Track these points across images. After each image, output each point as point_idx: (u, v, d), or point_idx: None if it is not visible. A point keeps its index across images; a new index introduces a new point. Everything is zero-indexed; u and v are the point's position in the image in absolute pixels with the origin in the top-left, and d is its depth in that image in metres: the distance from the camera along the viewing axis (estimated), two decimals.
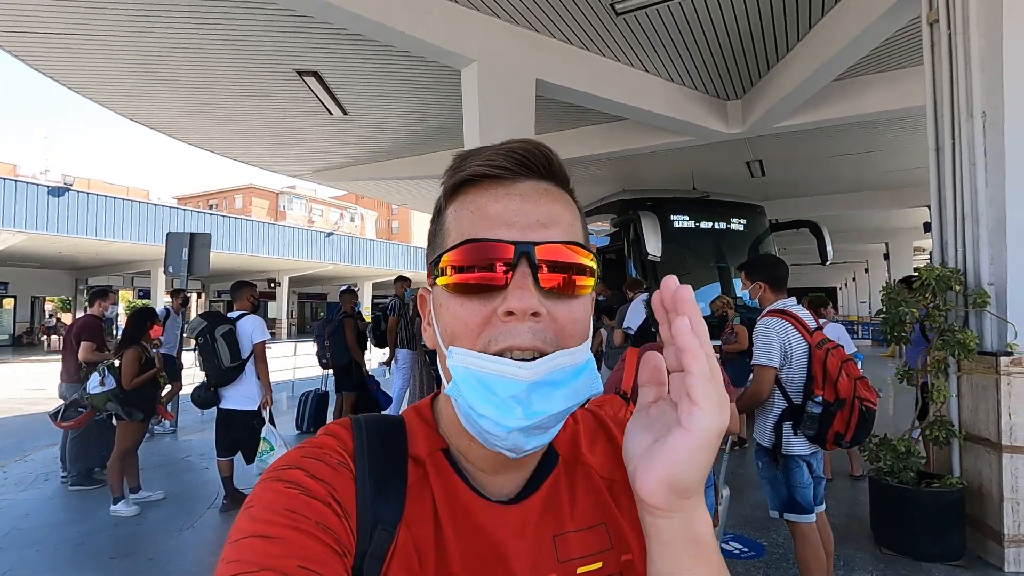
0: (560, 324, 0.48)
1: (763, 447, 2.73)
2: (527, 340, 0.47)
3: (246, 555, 0.42)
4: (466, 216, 0.51)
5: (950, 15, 3.61)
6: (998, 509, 3.24)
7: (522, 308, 0.46)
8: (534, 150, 0.52)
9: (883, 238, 16.61)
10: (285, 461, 0.50)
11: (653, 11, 4.86)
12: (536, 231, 0.49)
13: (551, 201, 0.51)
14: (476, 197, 0.51)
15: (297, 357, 10.83)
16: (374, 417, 0.57)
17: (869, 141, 8.30)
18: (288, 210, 47.05)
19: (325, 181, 10.71)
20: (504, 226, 0.49)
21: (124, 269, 24.48)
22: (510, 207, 0.50)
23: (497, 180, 0.51)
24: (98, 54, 5.78)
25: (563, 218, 0.51)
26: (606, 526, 0.55)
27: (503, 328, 0.47)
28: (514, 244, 0.48)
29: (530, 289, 0.47)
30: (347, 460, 0.51)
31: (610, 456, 0.61)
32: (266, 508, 0.45)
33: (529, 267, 0.48)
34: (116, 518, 4.15)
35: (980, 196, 3.48)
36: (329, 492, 0.48)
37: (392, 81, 6.33)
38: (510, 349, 0.47)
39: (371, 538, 0.48)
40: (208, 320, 4.29)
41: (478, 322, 0.48)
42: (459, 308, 0.49)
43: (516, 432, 0.47)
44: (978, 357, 3.41)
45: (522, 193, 0.51)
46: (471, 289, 0.49)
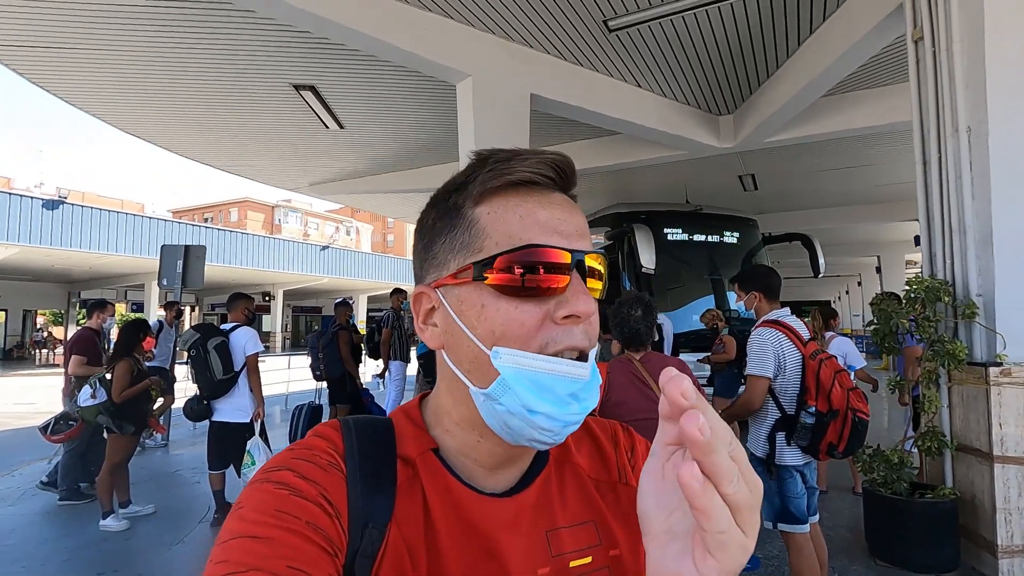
0: (593, 325, 0.53)
1: (756, 457, 2.74)
2: (582, 340, 0.51)
3: (235, 556, 0.42)
4: (514, 219, 0.51)
5: (934, 33, 3.70)
6: (991, 520, 3.24)
7: (587, 312, 0.50)
8: (569, 164, 0.55)
9: (875, 251, 16.74)
10: (275, 463, 0.50)
11: (645, 28, 4.95)
12: (578, 240, 0.53)
13: (579, 213, 0.55)
14: (522, 202, 0.52)
15: (291, 370, 10.77)
16: (363, 418, 0.57)
17: (858, 156, 8.42)
18: (284, 223, 47.04)
19: (321, 194, 10.75)
20: (555, 234, 0.51)
21: (118, 282, 24.35)
22: (556, 215, 0.52)
23: (537, 188, 0.53)
24: (95, 67, 5.82)
25: (586, 229, 0.55)
26: (595, 523, 0.57)
27: (559, 330, 0.50)
28: (572, 252, 0.51)
29: (589, 294, 0.51)
30: (338, 460, 0.52)
31: (595, 457, 0.63)
32: (256, 509, 0.46)
33: (580, 274, 0.52)
34: (105, 533, 4.09)
35: (967, 209, 3.53)
36: (320, 492, 0.48)
37: (388, 95, 6.40)
38: (570, 349, 0.50)
39: (362, 537, 0.49)
40: (201, 332, 4.27)
41: (534, 324, 0.50)
42: (514, 310, 0.50)
43: (570, 426, 0.50)
44: (968, 367, 3.44)
45: (560, 203, 0.54)
46: (531, 292, 0.50)
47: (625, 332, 2.52)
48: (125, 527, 4.17)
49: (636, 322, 2.50)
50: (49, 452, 6.21)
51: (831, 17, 4.76)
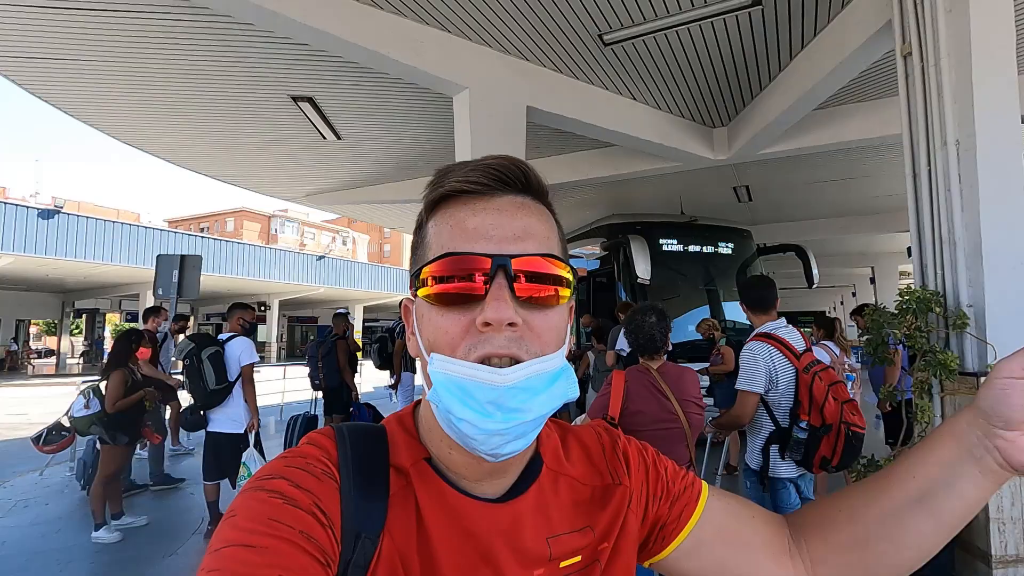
0: (536, 332, 0.51)
1: (751, 469, 2.75)
2: (503, 347, 0.49)
3: (227, 564, 0.42)
4: (446, 230, 0.53)
5: (923, 49, 3.77)
6: (985, 530, 3.25)
7: (498, 319, 0.48)
8: (510, 166, 0.54)
9: (869, 262, 16.85)
10: (268, 471, 0.50)
11: (640, 42, 5.02)
12: (512, 244, 0.51)
13: (527, 214, 0.54)
14: (455, 211, 0.53)
15: (287, 380, 10.72)
16: (356, 426, 0.58)
17: (851, 167, 8.51)
18: (280, 233, 47.03)
19: (318, 205, 10.77)
20: (482, 239, 0.51)
21: (112, 292, 24.24)
22: (487, 221, 0.52)
23: (476, 195, 0.53)
24: (92, 78, 5.85)
25: (539, 231, 0.53)
26: (591, 528, 0.58)
27: (481, 337, 0.49)
28: (491, 256, 0.50)
29: (506, 300, 0.49)
30: (331, 469, 0.52)
31: (586, 464, 0.63)
32: (248, 517, 0.45)
33: (506, 278, 0.50)
34: (98, 545, 4.06)
35: (956, 221, 3.58)
36: (313, 501, 0.48)
37: (385, 107, 6.45)
38: (488, 357, 0.49)
39: (355, 547, 0.49)
40: (196, 342, 4.27)
41: (458, 332, 0.50)
42: (439, 319, 0.51)
43: (495, 435, 0.48)
44: (960, 378, 3.47)
45: (499, 207, 0.53)
46: (451, 300, 0.50)
47: (640, 339, 2.49)
48: (117, 539, 4.13)
49: (651, 328, 2.47)
50: (41, 463, 6.16)
51: (822, 32, 4.85)
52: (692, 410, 2.43)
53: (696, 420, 2.44)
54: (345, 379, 6.48)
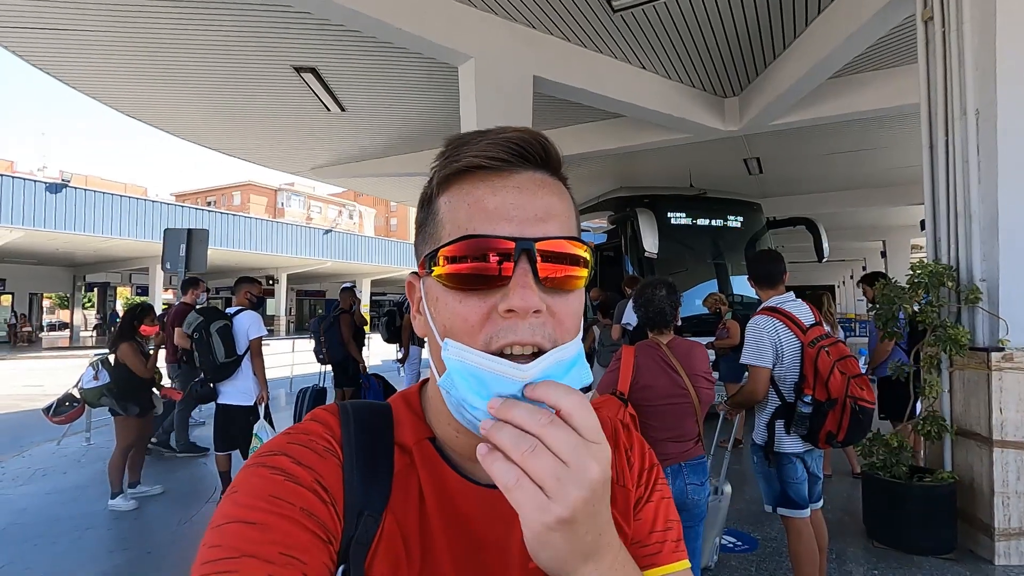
0: (559, 319, 0.48)
1: (757, 444, 2.75)
2: (527, 336, 0.47)
3: (228, 540, 0.42)
4: (463, 208, 0.50)
5: (944, 13, 3.63)
6: (989, 503, 3.27)
7: (524, 307, 0.46)
8: (531, 139, 0.51)
9: (880, 236, 16.62)
10: (271, 447, 0.50)
11: (649, 8, 4.87)
12: (535, 226, 0.49)
13: (548, 193, 0.51)
14: (472, 189, 0.50)
15: (295, 354, 10.83)
16: (361, 403, 0.57)
17: (865, 139, 8.32)
18: (286, 207, 46.99)
19: (323, 178, 10.71)
20: (503, 220, 0.48)
21: (122, 266, 24.45)
22: (508, 200, 0.49)
23: (494, 171, 0.50)
24: (96, 50, 5.78)
25: (560, 211, 0.51)
26: None
27: (503, 325, 0.47)
28: (515, 240, 0.47)
29: (531, 287, 0.47)
30: (334, 446, 0.51)
31: None
32: (250, 494, 0.45)
33: (529, 263, 0.47)
34: (115, 512, 4.18)
35: (973, 193, 3.50)
36: (315, 478, 0.48)
37: (390, 78, 6.34)
38: (511, 345, 0.47)
39: (357, 524, 0.48)
40: (204, 315, 4.30)
41: (478, 319, 0.48)
42: (458, 304, 0.48)
43: None
44: (970, 352, 3.44)
45: (519, 185, 0.50)
46: (471, 285, 0.48)
47: (650, 313, 2.47)
48: (133, 507, 4.24)
49: (661, 301, 2.44)
50: (58, 433, 6.31)
51: None
52: (702, 385, 2.42)
53: (706, 395, 2.43)
54: (350, 352, 6.53)
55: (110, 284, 29.93)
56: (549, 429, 0.39)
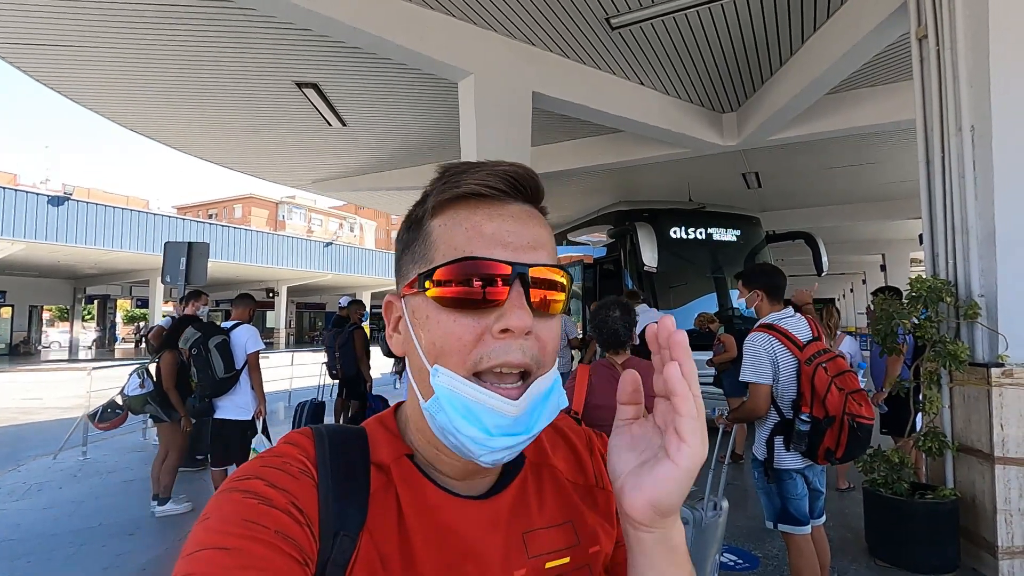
0: (543, 342, 0.51)
1: (758, 460, 2.73)
2: (518, 357, 0.49)
3: (201, 568, 0.41)
4: (460, 232, 0.52)
5: (938, 31, 3.68)
6: (991, 520, 3.24)
7: (520, 327, 0.48)
8: (525, 174, 0.54)
9: (879, 250, 16.65)
10: (244, 471, 0.49)
11: (648, 25, 4.93)
12: (528, 253, 0.52)
13: (537, 224, 0.54)
14: (470, 215, 0.52)
15: (295, 367, 10.80)
16: (335, 426, 0.57)
17: (862, 154, 8.37)
18: (287, 220, 47.16)
19: (324, 191, 10.77)
20: (499, 246, 0.51)
21: (123, 278, 24.49)
22: (504, 227, 0.51)
23: (489, 200, 0.53)
24: (100, 66, 5.84)
25: (546, 241, 0.54)
26: (573, 523, 0.57)
27: (495, 345, 0.49)
28: (511, 264, 0.50)
29: (526, 308, 0.49)
30: (309, 468, 0.51)
31: (571, 461, 0.63)
32: (223, 519, 0.44)
33: (523, 287, 0.50)
34: (111, 530, 4.14)
35: (970, 209, 3.52)
36: (290, 500, 0.47)
37: (390, 93, 6.40)
38: (503, 366, 0.49)
39: (333, 545, 0.48)
40: (202, 330, 4.29)
41: (471, 338, 0.49)
42: (452, 323, 0.50)
43: (502, 451, 0.49)
44: (969, 368, 3.43)
45: (513, 215, 0.53)
46: (466, 305, 0.50)
47: (604, 334, 2.49)
48: (188, 509, 4.45)
49: (614, 323, 2.46)
50: (55, 447, 6.28)
51: (835, 14, 4.73)
52: None
53: None
54: (360, 368, 6.52)
55: (110, 296, 29.93)
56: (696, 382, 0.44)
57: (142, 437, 7.02)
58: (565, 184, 9.01)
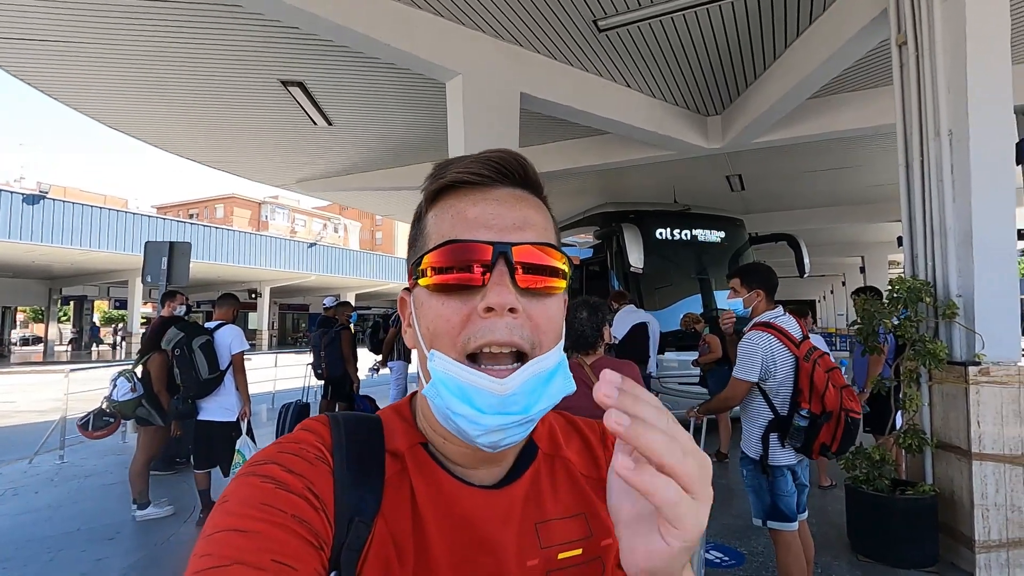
0: (536, 322, 0.51)
1: (749, 457, 2.76)
2: (504, 335, 0.49)
3: (219, 549, 0.42)
4: (447, 220, 0.53)
5: (917, 38, 3.76)
6: (969, 516, 3.32)
7: (500, 303, 0.49)
8: (510, 159, 0.55)
9: (859, 252, 16.97)
10: (261, 456, 0.51)
11: (635, 28, 4.97)
12: (512, 233, 0.52)
13: (526, 206, 0.54)
14: (456, 202, 0.54)
15: (278, 368, 10.68)
16: (351, 414, 0.58)
17: (843, 157, 8.53)
18: (271, 220, 46.63)
19: (308, 191, 10.65)
20: (483, 228, 0.52)
21: (101, 279, 23.98)
22: (488, 211, 0.53)
23: (475, 186, 0.54)
24: (79, 60, 5.72)
25: (537, 221, 0.54)
26: (586, 516, 0.58)
27: (482, 325, 0.49)
28: (492, 244, 0.51)
29: (508, 286, 0.50)
30: (325, 454, 0.52)
31: (584, 454, 0.63)
32: (241, 502, 0.46)
33: (506, 266, 0.50)
34: (89, 535, 4.05)
35: (948, 211, 3.60)
36: (306, 485, 0.48)
37: (377, 93, 6.36)
38: (488, 344, 0.49)
39: (348, 530, 0.49)
40: (185, 331, 4.23)
41: (459, 320, 0.51)
42: (440, 306, 0.52)
43: (494, 432, 0.49)
44: (948, 367, 3.51)
45: (498, 198, 0.54)
46: (452, 288, 0.51)
47: (571, 336, 2.49)
48: (171, 513, 4.39)
49: (581, 324, 2.45)
50: (30, 452, 6.12)
51: (818, 20, 4.82)
52: None
53: None
54: (348, 369, 6.49)
55: (87, 297, 29.31)
56: (679, 428, 0.36)
57: (121, 440, 6.89)
58: (551, 185, 8.93)
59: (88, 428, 4.34)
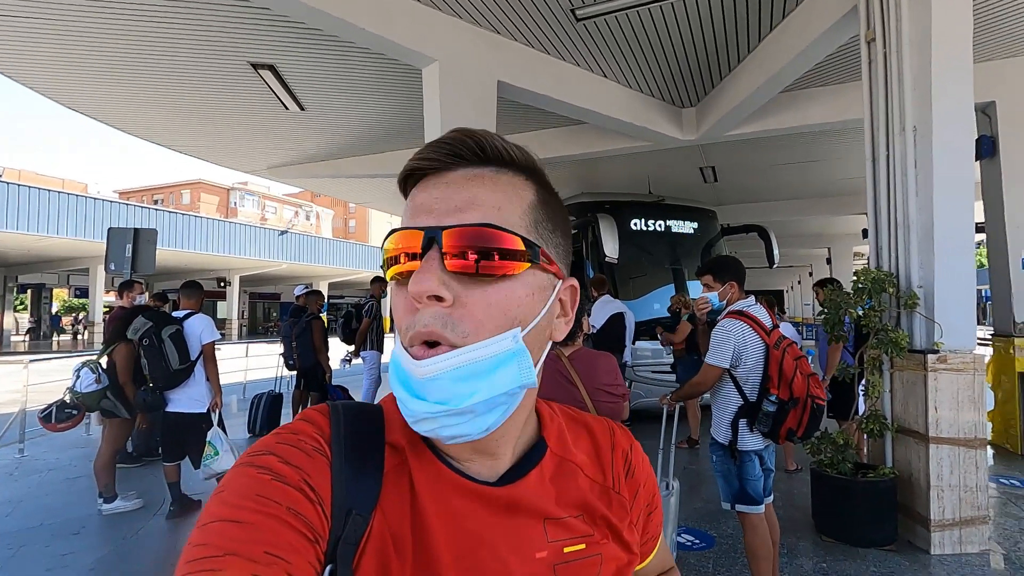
0: (470, 309, 0.48)
1: (718, 442, 2.84)
2: (422, 324, 0.47)
3: (213, 539, 0.42)
4: (406, 209, 0.53)
5: (886, 35, 3.86)
6: (925, 496, 3.48)
7: (416, 291, 0.47)
8: (462, 137, 0.52)
9: (825, 243, 17.46)
10: (260, 447, 0.50)
11: (612, 19, 4.98)
12: (451, 216, 0.49)
13: (476, 185, 0.51)
14: (415, 191, 0.54)
15: (249, 359, 10.49)
16: (352, 404, 0.57)
17: (811, 151, 8.73)
18: (240, 207, 45.47)
19: (280, 178, 10.42)
20: (424, 214, 0.51)
21: (60, 266, 23.09)
22: (433, 195, 0.51)
23: (434, 172, 0.53)
24: (34, 36, 5.45)
25: (487, 200, 0.51)
26: (592, 517, 0.58)
27: (416, 314, 0.48)
28: (423, 229, 0.49)
29: (433, 272, 0.47)
30: (323, 446, 0.51)
31: (592, 457, 0.63)
32: (236, 493, 0.45)
33: (437, 251, 0.48)
34: (52, 529, 3.94)
35: (911, 205, 3.73)
36: (302, 477, 0.47)
37: (351, 78, 6.24)
38: (416, 335, 0.48)
39: (345, 523, 0.48)
40: (153, 320, 4.11)
41: (404, 309, 0.50)
42: (394, 296, 0.52)
43: (424, 419, 0.48)
44: (908, 355, 3.65)
45: (448, 181, 0.52)
46: (399, 277, 0.51)
47: None
48: (139, 506, 4.32)
49: None
50: None
51: (791, 15, 4.90)
52: (601, 398, 2.42)
53: (606, 408, 2.43)
54: (319, 359, 6.40)
55: (45, 285, 28.19)
56: None
57: (85, 432, 6.69)
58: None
59: (51, 420, 4.16)
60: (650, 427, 4.00)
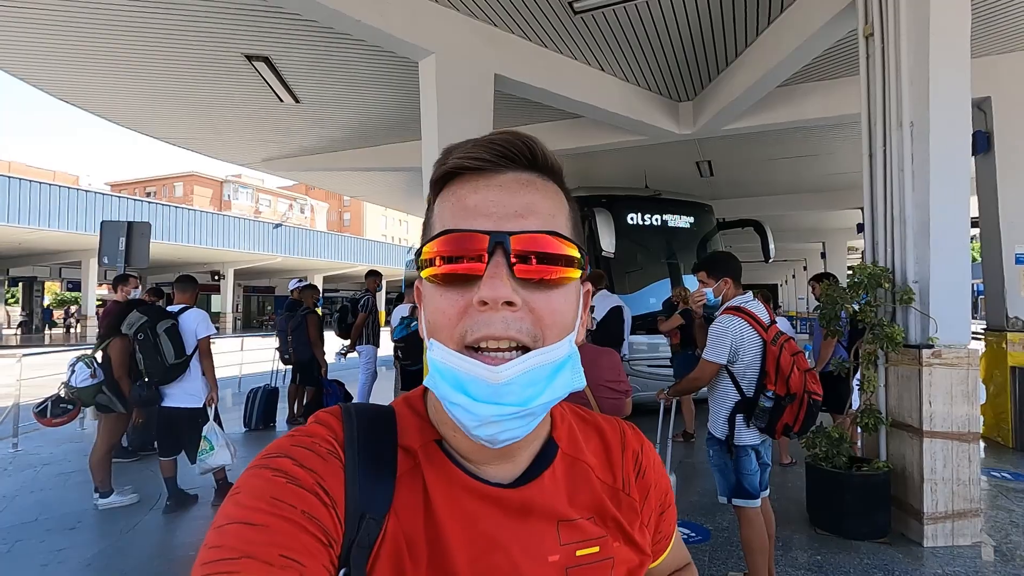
0: (538, 315, 0.49)
1: (715, 437, 2.85)
2: (500, 329, 0.47)
3: (229, 541, 0.42)
4: (448, 208, 0.52)
5: (884, 30, 3.85)
6: (919, 490, 3.51)
7: (493, 297, 0.47)
8: (516, 141, 0.52)
9: (820, 238, 17.52)
10: (274, 449, 0.50)
11: (610, 12, 4.95)
12: (512, 221, 0.49)
13: (531, 191, 0.51)
14: (458, 189, 0.52)
15: (244, 352, 10.45)
16: (365, 407, 0.57)
17: (807, 146, 8.74)
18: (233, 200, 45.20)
19: (275, 171, 10.35)
20: (481, 216, 0.49)
21: (51, 259, 22.90)
22: (488, 198, 0.50)
23: (479, 172, 0.51)
24: (25, 27, 5.37)
25: (543, 208, 0.51)
26: (603, 519, 0.58)
27: (479, 318, 0.47)
28: (489, 234, 0.48)
29: (502, 278, 0.47)
30: (337, 449, 0.51)
31: (602, 457, 0.62)
32: (252, 495, 0.45)
33: (504, 256, 0.48)
34: (47, 525, 3.92)
35: (907, 200, 3.74)
36: (316, 481, 0.48)
37: (347, 70, 6.19)
38: (485, 339, 0.47)
39: (359, 527, 0.48)
40: (148, 315, 4.08)
41: (456, 312, 0.49)
42: (439, 298, 0.50)
43: (489, 423, 0.47)
44: (903, 349, 3.68)
45: (502, 184, 0.51)
46: (449, 279, 0.49)
47: None
48: (135, 500, 4.28)
49: None
50: None
51: (788, 9, 4.89)
52: (604, 394, 2.43)
53: (609, 404, 2.43)
54: (315, 353, 6.38)
55: (37, 278, 27.97)
56: None
57: (79, 427, 6.65)
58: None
59: (46, 415, 4.14)
60: (647, 421, 4.02)
